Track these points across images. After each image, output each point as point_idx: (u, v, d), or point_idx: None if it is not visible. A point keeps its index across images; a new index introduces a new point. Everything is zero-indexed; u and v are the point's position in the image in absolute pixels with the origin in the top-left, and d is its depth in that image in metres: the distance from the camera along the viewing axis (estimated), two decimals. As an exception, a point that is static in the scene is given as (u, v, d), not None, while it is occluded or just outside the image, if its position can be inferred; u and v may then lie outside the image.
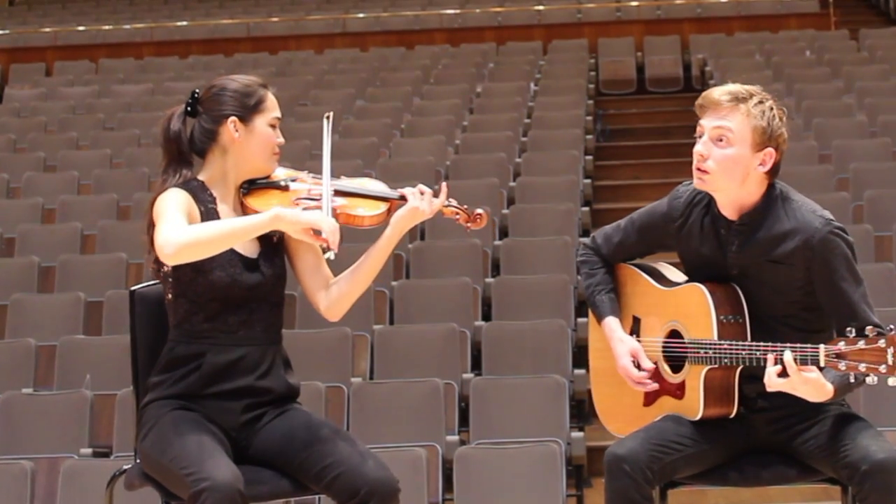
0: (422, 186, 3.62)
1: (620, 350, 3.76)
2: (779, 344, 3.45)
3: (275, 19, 17.06)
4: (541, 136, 10.94)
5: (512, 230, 8.87)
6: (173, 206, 3.44)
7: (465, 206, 3.70)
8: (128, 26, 17.09)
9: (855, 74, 12.04)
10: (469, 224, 3.69)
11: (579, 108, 11.85)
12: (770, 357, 3.43)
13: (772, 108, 3.59)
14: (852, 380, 3.42)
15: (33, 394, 6.67)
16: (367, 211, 3.58)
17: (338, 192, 3.59)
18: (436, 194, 3.63)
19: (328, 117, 3.70)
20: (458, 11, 16.64)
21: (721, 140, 3.59)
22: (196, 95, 3.61)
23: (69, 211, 9.50)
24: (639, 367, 3.74)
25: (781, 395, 3.56)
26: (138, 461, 3.55)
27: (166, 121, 3.63)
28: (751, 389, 3.63)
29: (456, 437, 6.25)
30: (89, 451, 6.18)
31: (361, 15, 16.83)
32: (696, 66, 13.99)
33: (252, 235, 3.41)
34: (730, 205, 3.65)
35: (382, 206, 3.60)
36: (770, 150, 3.58)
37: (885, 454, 3.45)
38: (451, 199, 3.67)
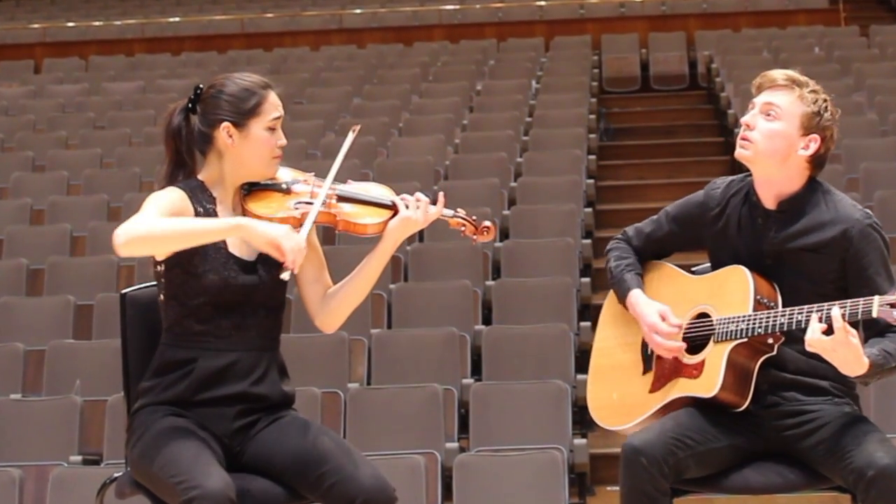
0: (418, 195, 3.60)
1: (648, 310, 3.78)
2: (825, 304, 3.49)
3: (269, 15, 17.07)
4: (542, 135, 10.94)
5: (513, 231, 8.88)
6: (156, 204, 3.41)
7: (474, 218, 3.68)
8: (118, 22, 17.09)
9: (865, 72, 12.03)
10: (476, 236, 3.67)
11: (582, 107, 11.85)
12: (815, 315, 3.48)
13: (825, 101, 3.72)
14: (893, 363, 3.48)
15: (21, 400, 6.67)
16: (371, 219, 3.57)
17: (341, 198, 3.58)
18: (434, 201, 3.62)
19: (354, 130, 3.67)
20: (457, 7, 16.65)
21: (769, 114, 3.71)
22: (198, 92, 3.59)
23: (58, 212, 9.50)
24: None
25: (791, 389, 3.63)
26: (129, 469, 3.55)
27: (169, 115, 3.59)
28: (763, 380, 3.66)
29: (455, 445, 6.25)
30: (79, 458, 6.18)
31: (358, 11, 16.83)
32: (702, 63, 13.99)
33: (210, 239, 3.37)
34: (769, 188, 3.73)
35: (386, 214, 3.59)
36: (815, 136, 3.69)
37: (891, 460, 3.47)
38: (458, 210, 3.66)
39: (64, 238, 8.90)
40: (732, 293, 3.69)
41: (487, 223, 3.67)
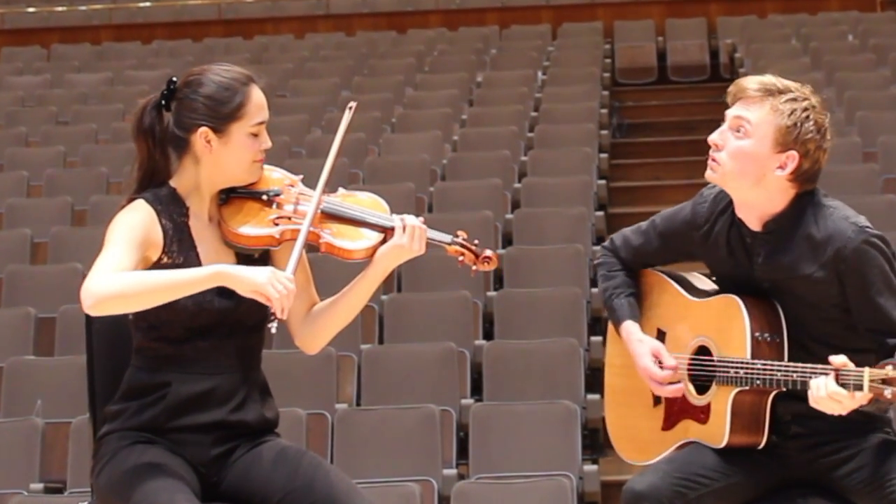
0: (411, 219, 3.55)
1: (641, 350, 3.80)
2: (818, 366, 3.47)
3: (250, 0, 17.09)
4: (549, 131, 10.95)
5: (517, 237, 8.88)
6: (121, 237, 3.37)
7: (475, 243, 3.63)
8: (83, 7, 17.12)
9: (903, 62, 12.07)
10: (475, 266, 3.61)
11: (593, 100, 11.87)
12: (812, 381, 3.44)
13: (805, 110, 3.61)
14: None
15: (-23, 422, 6.68)
16: (359, 243, 3.51)
17: (326, 216, 3.52)
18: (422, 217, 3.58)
19: (351, 108, 3.60)
20: (455, -9, 16.69)
21: (739, 131, 3.65)
22: (172, 87, 3.51)
23: (17, 215, 9.49)
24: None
25: (818, 419, 3.60)
26: (94, 498, 3.54)
27: (139, 112, 3.52)
28: (785, 411, 3.67)
29: (454, 471, 6.26)
30: (40, 486, 6.18)
31: (347, -5, 16.86)
32: (724, 52, 14.02)
33: (188, 292, 3.32)
34: (749, 211, 3.69)
35: (377, 238, 3.53)
36: (793, 153, 3.60)
37: (937, 488, 3.48)
38: (458, 234, 3.61)
39: (24, 244, 8.89)
40: (729, 329, 3.67)
41: (489, 252, 3.61)
